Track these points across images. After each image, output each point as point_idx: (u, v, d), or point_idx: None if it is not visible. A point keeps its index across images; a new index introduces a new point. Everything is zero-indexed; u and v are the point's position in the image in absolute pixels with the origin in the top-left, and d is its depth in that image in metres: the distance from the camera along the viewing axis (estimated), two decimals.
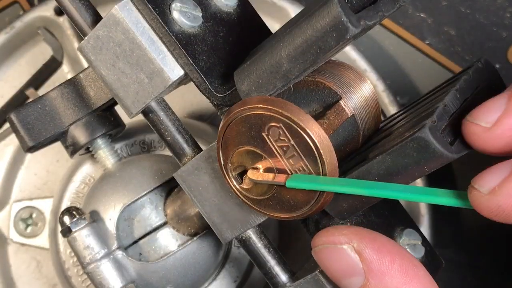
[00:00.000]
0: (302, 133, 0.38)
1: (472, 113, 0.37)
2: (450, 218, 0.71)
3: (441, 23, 0.75)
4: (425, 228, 0.66)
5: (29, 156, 0.69)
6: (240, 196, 0.42)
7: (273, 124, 0.39)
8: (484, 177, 0.36)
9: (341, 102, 0.42)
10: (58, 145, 0.58)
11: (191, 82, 0.44)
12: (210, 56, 0.43)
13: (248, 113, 0.39)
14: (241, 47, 0.45)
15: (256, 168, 0.41)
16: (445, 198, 0.37)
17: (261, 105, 0.39)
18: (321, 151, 0.38)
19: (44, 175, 0.69)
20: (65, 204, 0.61)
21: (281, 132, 0.39)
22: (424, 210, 0.67)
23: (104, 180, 0.57)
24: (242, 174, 0.42)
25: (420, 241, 0.48)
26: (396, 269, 0.38)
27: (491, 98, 0.38)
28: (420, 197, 0.37)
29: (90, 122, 0.56)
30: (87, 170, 0.61)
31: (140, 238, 0.55)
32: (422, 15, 0.75)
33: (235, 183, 0.42)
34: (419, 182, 0.66)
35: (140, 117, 0.47)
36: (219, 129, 0.41)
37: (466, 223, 0.72)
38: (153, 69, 0.43)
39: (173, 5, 0.43)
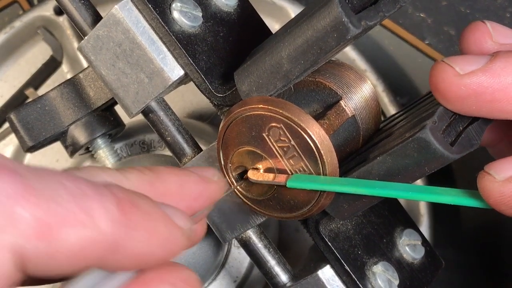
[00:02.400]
0: (303, 133, 0.38)
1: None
2: (450, 218, 0.71)
3: (441, 23, 0.75)
4: (424, 228, 0.66)
5: (28, 156, 0.69)
6: (240, 196, 0.42)
7: (273, 124, 0.39)
8: (502, 165, 0.36)
9: (342, 102, 0.42)
10: (57, 145, 0.57)
11: (191, 82, 0.44)
12: (210, 56, 0.43)
13: (249, 113, 0.39)
14: (241, 47, 0.45)
15: (257, 168, 0.41)
16: (447, 196, 0.36)
17: (261, 105, 0.39)
18: (322, 152, 0.38)
19: None
20: None
21: (282, 133, 0.39)
22: (423, 210, 0.67)
23: None
24: (242, 174, 0.42)
25: (420, 241, 0.48)
26: None
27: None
28: (421, 196, 0.37)
29: (90, 122, 0.56)
30: None
31: None
32: (422, 15, 0.75)
33: (235, 183, 0.42)
34: (418, 183, 0.66)
35: (140, 117, 0.47)
36: (220, 129, 0.41)
37: (466, 223, 0.72)
38: (153, 69, 0.43)
39: (173, 5, 0.43)
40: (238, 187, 0.42)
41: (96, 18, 0.46)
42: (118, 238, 0.29)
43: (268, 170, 0.40)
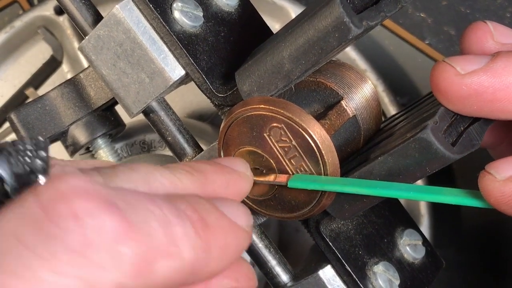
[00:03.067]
0: (304, 133, 0.38)
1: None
2: (450, 218, 0.71)
3: (441, 23, 0.75)
4: (425, 228, 0.66)
5: None
6: None
7: (274, 124, 0.39)
8: (502, 164, 0.36)
9: (343, 102, 0.42)
10: (58, 145, 0.57)
11: (192, 82, 0.44)
12: (211, 56, 0.43)
13: (250, 114, 0.39)
14: (242, 47, 0.45)
15: (258, 169, 0.41)
16: (448, 196, 0.36)
17: (262, 106, 0.39)
18: (323, 152, 0.38)
19: None
20: None
21: (283, 133, 0.39)
22: (424, 210, 0.67)
23: None
24: None
25: (421, 241, 0.48)
26: None
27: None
28: (422, 196, 0.37)
29: (90, 122, 0.56)
30: None
31: None
32: (422, 15, 0.75)
33: None
34: (418, 183, 0.66)
35: (141, 117, 0.47)
36: (221, 129, 0.41)
37: (467, 223, 0.72)
38: (154, 69, 0.43)
39: (174, 5, 0.43)
40: None
41: (97, 18, 0.46)
42: (197, 264, 0.30)
43: (269, 170, 0.40)
